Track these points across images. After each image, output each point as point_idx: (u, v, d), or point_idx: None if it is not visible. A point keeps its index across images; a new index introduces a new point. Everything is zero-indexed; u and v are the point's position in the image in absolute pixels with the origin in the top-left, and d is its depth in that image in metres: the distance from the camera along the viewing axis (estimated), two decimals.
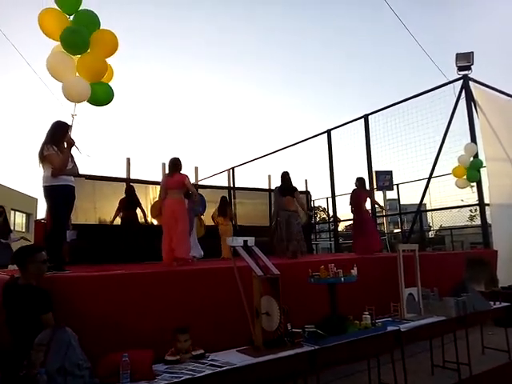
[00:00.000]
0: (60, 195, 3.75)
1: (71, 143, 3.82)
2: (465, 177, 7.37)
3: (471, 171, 7.30)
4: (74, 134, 3.85)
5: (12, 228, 7.55)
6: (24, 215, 25.28)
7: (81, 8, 3.80)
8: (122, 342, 2.76)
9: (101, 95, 3.97)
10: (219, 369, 2.54)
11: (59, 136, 3.83)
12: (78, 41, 3.65)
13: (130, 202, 7.17)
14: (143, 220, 7.48)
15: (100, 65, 3.85)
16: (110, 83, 4.09)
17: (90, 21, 3.81)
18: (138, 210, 7.35)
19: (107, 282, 3.29)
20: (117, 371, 2.29)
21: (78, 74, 3.77)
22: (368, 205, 7.52)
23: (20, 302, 2.62)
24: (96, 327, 2.90)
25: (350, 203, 7.04)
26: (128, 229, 6.97)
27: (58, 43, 3.76)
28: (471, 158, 7.34)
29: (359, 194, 6.98)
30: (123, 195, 7.38)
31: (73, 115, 3.82)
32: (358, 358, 3.62)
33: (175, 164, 5.46)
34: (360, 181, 7.14)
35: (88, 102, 3.90)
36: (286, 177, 6.53)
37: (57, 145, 3.78)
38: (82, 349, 2.41)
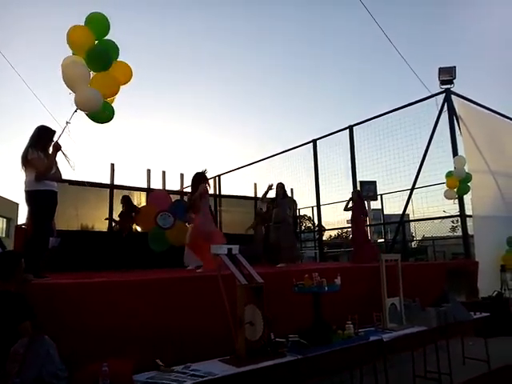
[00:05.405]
0: (42, 200, 3.67)
1: (58, 148, 3.74)
2: (455, 189, 7.34)
3: (463, 184, 7.25)
4: (62, 140, 3.80)
5: None
6: (4, 220, 24.71)
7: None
8: (102, 350, 2.71)
9: (104, 114, 4.08)
10: (201, 379, 2.51)
11: (45, 140, 3.77)
12: (105, 59, 3.97)
13: (128, 213, 7.02)
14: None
15: (114, 88, 4.12)
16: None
17: (113, 48, 4.13)
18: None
19: (87, 289, 3.23)
20: (96, 381, 2.23)
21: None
22: None
23: None
24: (75, 336, 2.83)
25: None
26: (120, 236, 6.82)
27: (71, 55, 3.96)
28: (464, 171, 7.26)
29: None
30: (106, 202, 7.25)
31: (67, 122, 3.77)
32: (342, 367, 3.62)
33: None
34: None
35: (89, 116, 3.94)
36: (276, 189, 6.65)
37: (42, 149, 3.72)
38: (60, 358, 2.36)
